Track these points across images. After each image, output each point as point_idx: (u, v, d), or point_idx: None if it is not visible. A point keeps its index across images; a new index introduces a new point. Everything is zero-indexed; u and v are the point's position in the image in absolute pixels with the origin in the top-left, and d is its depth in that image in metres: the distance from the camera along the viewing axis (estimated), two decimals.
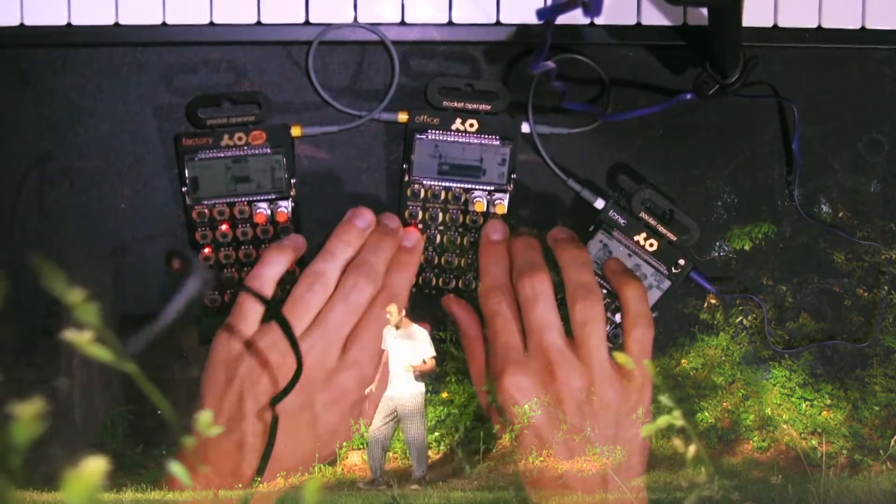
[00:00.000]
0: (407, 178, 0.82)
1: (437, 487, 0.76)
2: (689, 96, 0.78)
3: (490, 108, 0.81)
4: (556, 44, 0.77)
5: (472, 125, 0.81)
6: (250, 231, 0.81)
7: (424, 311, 0.82)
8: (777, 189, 0.84)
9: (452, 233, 0.83)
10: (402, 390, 0.76)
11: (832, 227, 0.84)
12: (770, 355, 0.84)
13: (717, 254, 0.84)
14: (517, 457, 0.75)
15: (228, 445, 0.74)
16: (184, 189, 0.80)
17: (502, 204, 0.81)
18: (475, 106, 0.81)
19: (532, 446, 0.74)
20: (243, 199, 0.81)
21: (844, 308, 0.85)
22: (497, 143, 0.81)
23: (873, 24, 0.81)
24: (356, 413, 0.77)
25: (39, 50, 0.81)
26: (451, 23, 0.80)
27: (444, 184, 0.82)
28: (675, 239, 0.81)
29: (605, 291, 0.80)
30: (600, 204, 0.81)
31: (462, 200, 0.82)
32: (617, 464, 0.74)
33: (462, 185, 0.82)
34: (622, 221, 0.81)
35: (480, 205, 0.81)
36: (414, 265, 0.81)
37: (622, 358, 0.67)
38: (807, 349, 0.84)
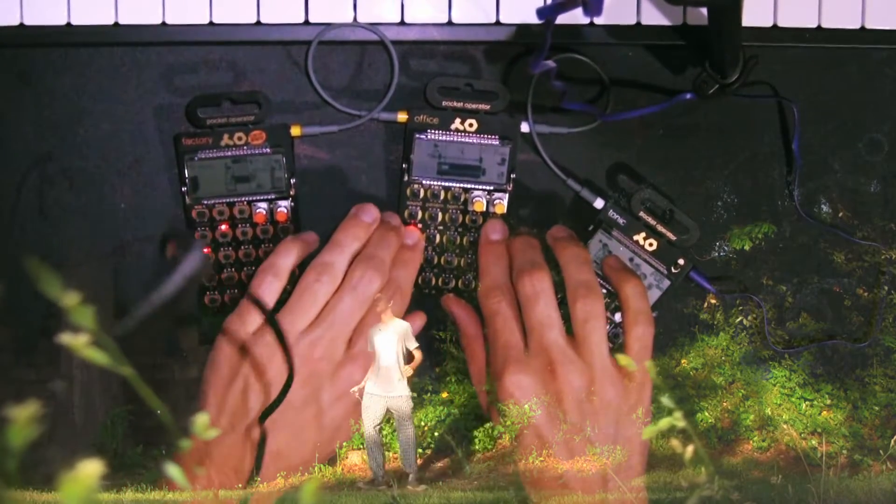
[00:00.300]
0: (406, 177, 0.81)
1: (437, 487, 0.76)
2: (688, 96, 0.78)
3: (490, 107, 0.81)
4: (556, 43, 0.76)
5: (471, 125, 0.81)
6: (250, 231, 0.81)
7: (424, 311, 0.82)
8: (777, 189, 0.84)
9: (452, 232, 0.83)
10: (396, 391, 0.76)
11: (832, 227, 0.84)
12: (770, 355, 0.84)
13: (716, 254, 0.84)
14: (517, 457, 0.75)
15: (231, 442, 0.74)
16: (183, 189, 0.80)
17: (502, 204, 0.81)
18: (475, 106, 0.81)
19: (532, 446, 0.74)
20: (243, 198, 0.81)
21: (844, 308, 0.85)
22: (496, 142, 0.81)
23: (873, 24, 0.81)
24: (360, 409, 0.77)
25: (39, 50, 0.81)
26: (450, 22, 0.80)
27: (443, 183, 0.82)
28: (674, 239, 0.81)
29: (606, 291, 0.80)
30: (600, 204, 0.81)
31: (461, 200, 0.82)
32: (617, 463, 0.74)
33: (461, 185, 0.82)
34: (622, 221, 0.81)
35: (480, 204, 0.81)
36: (416, 262, 0.81)
37: (624, 360, 0.67)
38: (807, 349, 0.84)
